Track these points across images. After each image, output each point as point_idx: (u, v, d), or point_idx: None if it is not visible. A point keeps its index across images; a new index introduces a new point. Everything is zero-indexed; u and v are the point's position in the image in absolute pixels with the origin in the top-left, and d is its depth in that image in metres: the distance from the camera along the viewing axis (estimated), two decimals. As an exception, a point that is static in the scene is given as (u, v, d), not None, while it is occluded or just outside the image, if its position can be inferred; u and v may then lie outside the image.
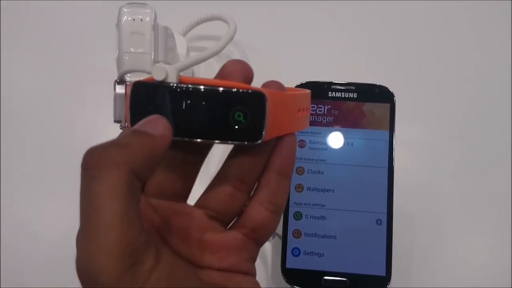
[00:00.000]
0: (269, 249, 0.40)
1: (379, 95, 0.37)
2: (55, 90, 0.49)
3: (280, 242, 0.36)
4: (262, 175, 0.24)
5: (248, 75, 0.23)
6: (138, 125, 0.20)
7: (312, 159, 0.37)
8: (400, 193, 0.36)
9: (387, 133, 0.36)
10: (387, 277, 0.35)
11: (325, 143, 0.37)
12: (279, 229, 0.39)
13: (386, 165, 0.36)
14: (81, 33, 0.52)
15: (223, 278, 0.23)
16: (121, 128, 0.24)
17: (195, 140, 0.21)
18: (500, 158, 0.44)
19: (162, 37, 0.38)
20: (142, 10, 0.36)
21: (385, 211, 0.35)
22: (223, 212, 0.24)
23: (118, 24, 0.36)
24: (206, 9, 0.45)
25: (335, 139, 0.37)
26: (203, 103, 0.21)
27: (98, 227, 0.17)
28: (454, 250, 0.41)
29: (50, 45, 0.52)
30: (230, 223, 0.25)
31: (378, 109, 0.37)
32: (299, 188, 0.36)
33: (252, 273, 0.25)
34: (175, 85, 0.21)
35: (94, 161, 0.18)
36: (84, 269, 0.18)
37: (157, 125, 0.20)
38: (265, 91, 0.21)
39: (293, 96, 0.24)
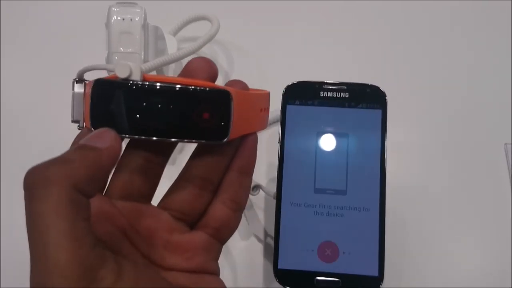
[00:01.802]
0: (261, 250, 0.40)
1: (371, 95, 0.37)
2: (42, 90, 0.48)
3: (272, 242, 0.36)
4: (224, 174, 0.24)
5: (213, 73, 0.23)
6: (84, 140, 0.19)
7: (304, 160, 0.36)
8: (392, 193, 0.36)
9: (379, 133, 0.36)
10: (380, 277, 0.34)
11: (317, 144, 0.37)
12: (271, 230, 0.38)
13: (378, 165, 0.36)
14: (69, 33, 0.51)
15: (190, 279, 0.23)
16: (79, 129, 0.24)
17: (160, 138, 0.21)
18: (491, 159, 0.44)
19: (152, 37, 0.37)
20: (132, 9, 0.36)
21: (378, 212, 0.35)
22: (188, 212, 0.24)
23: (108, 24, 0.36)
24: (197, 8, 0.45)
25: (327, 140, 0.37)
26: (168, 101, 0.20)
27: (46, 249, 0.17)
28: (446, 251, 0.41)
29: (38, 45, 0.51)
30: (194, 223, 0.24)
31: (370, 109, 0.37)
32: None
33: (217, 273, 0.25)
34: (139, 83, 0.20)
35: (34, 180, 0.17)
36: None
37: (103, 138, 0.20)
38: (230, 90, 0.21)
39: (256, 95, 0.24)
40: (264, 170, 0.44)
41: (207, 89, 0.21)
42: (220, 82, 0.50)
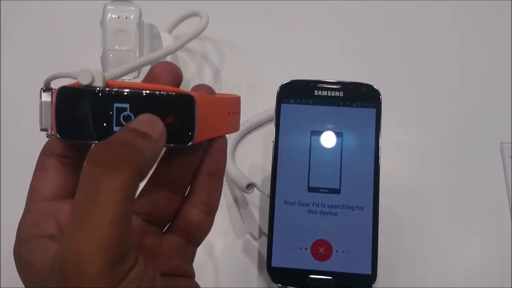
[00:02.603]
0: (255, 248, 0.40)
1: (365, 94, 0.37)
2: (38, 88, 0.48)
3: (266, 240, 0.36)
4: (194, 178, 0.24)
5: (177, 77, 0.23)
6: (137, 124, 0.20)
7: (298, 159, 0.37)
8: (386, 192, 0.36)
9: (373, 132, 0.36)
10: (373, 276, 0.35)
11: (311, 142, 0.37)
12: (265, 228, 0.39)
13: (372, 164, 0.36)
14: (65, 31, 0.51)
15: (166, 282, 0.23)
16: (47, 137, 0.24)
17: None
18: (486, 158, 0.44)
19: (147, 35, 0.37)
20: (127, 7, 0.36)
21: (371, 210, 0.35)
22: (160, 216, 0.24)
23: (103, 22, 0.36)
24: (192, 6, 0.45)
25: (321, 138, 0.37)
26: (132, 106, 0.21)
27: (99, 222, 0.17)
28: (440, 249, 0.41)
29: (33, 43, 0.51)
30: (166, 226, 0.25)
31: (364, 107, 0.37)
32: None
33: (192, 275, 0.25)
34: (101, 89, 0.21)
35: (107, 159, 0.18)
36: (70, 258, 0.18)
37: (156, 126, 0.20)
38: (194, 94, 0.21)
39: (222, 99, 0.24)
40: (258, 169, 0.44)
41: (172, 94, 0.21)
42: (218, 82, 0.50)
